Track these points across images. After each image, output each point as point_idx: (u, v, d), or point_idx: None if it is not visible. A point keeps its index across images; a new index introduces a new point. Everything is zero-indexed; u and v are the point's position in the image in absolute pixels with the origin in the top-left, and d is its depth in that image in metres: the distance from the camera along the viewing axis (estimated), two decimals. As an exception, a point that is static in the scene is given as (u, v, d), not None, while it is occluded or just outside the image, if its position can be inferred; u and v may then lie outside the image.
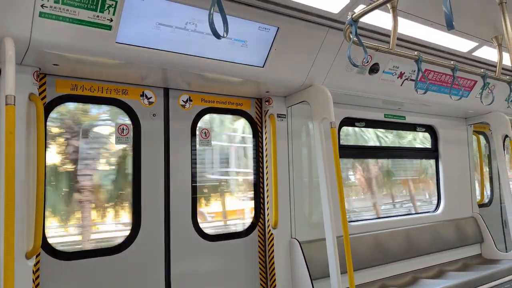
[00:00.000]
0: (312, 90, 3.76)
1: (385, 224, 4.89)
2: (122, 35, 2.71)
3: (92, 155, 3.35)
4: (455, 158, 5.86)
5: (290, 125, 4.12)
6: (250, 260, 3.91)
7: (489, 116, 5.65)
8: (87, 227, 3.36)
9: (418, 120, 5.49)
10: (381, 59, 3.96)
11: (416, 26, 3.61)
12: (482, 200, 6.30)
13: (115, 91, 3.32)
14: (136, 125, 3.40)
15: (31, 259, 2.68)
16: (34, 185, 2.67)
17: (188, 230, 3.58)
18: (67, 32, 2.52)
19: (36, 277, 2.80)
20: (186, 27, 2.90)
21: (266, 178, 3.97)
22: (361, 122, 4.89)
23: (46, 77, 3.01)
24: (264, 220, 3.99)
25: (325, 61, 3.70)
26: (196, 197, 3.65)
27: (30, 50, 2.54)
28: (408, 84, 4.43)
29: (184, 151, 3.62)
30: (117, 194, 3.45)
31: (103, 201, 3.39)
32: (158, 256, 3.41)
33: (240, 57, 3.27)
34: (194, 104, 3.72)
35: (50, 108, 3.05)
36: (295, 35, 3.35)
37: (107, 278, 3.16)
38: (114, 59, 2.86)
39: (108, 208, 3.42)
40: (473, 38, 4.02)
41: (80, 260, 3.07)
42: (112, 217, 3.47)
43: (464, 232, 5.60)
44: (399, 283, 4.56)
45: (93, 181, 3.33)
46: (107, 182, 3.42)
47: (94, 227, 3.42)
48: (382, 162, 5.59)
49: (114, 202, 3.44)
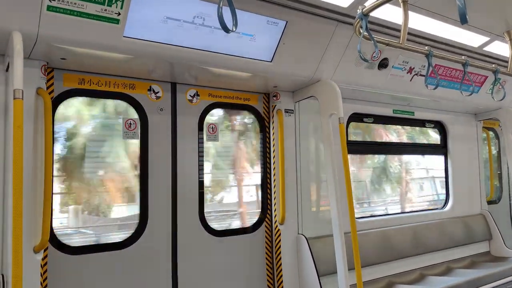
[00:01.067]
0: (320, 85, 3.72)
1: (393, 221, 4.85)
2: (129, 29, 2.69)
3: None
4: (464, 154, 5.79)
5: (298, 120, 4.09)
6: (256, 256, 3.90)
7: (499, 112, 5.58)
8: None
9: (427, 116, 5.43)
10: (391, 54, 3.92)
11: (427, 20, 3.55)
12: (491, 197, 6.24)
13: (123, 86, 3.31)
14: (143, 120, 3.38)
15: (39, 253, 2.68)
16: (42, 180, 2.67)
17: (195, 225, 3.57)
18: (74, 26, 2.51)
19: (44, 271, 2.81)
20: (194, 21, 2.88)
21: (273, 173, 3.95)
22: (370, 118, 4.85)
23: (53, 71, 3.00)
24: (271, 216, 3.97)
25: (334, 56, 3.66)
26: (203, 192, 3.63)
27: (38, 44, 2.53)
28: (417, 80, 4.37)
29: (192, 146, 3.61)
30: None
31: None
32: (165, 251, 3.41)
33: (248, 52, 3.24)
34: (201, 99, 3.70)
35: (57, 102, 3.05)
36: (304, 29, 3.31)
37: (114, 273, 3.17)
38: (121, 53, 2.84)
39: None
40: (484, 32, 3.95)
41: (88, 255, 3.08)
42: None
43: (472, 229, 5.55)
44: (407, 280, 4.53)
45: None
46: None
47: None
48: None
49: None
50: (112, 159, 3.42)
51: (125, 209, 3.55)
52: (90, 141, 3.31)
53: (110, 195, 3.42)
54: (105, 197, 3.40)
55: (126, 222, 3.48)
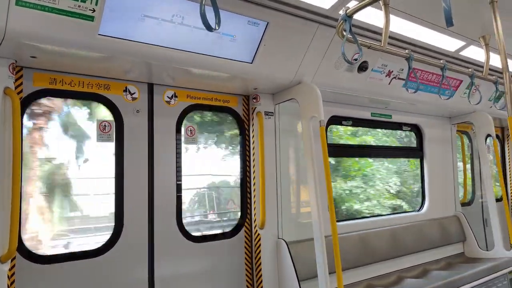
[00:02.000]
0: (301, 87, 3.69)
1: (371, 224, 4.87)
2: (105, 26, 2.57)
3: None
4: (439, 157, 5.89)
5: (278, 123, 4.04)
6: (236, 261, 3.82)
7: (473, 116, 5.70)
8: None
9: (404, 119, 5.49)
10: (370, 57, 3.92)
11: (406, 24, 3.58)
12: (465, 199, 6.37)
13: (97, 86, 3.17)
14: (118, 122, 3.26)
15: (6, 264, 2.52)
16: (9, 185, 2.51)
17: (173, 230, 3.46)
18: (46, 22, 2.37)
19: (12, 282, 2.65)
20: (173, 20, 2.78)
21: (253, 177, 3.88)
22: (348, 121, 4.85)
23: (22, 70, 2.85)
24: (251, 220, 3.90)
25: (315, 58, 3.63)
26: (181, 196, 3.53)
27: (6, 41, 2.38)
28: (395, 83, 4.40)
29: (169, 149, 3.50)
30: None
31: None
32: (142, 258, 3.28)
33: (228, 52, 3.16)
34: (179, 100, 3.59)
35: (27, 103, 2.89)
36: (285, 30, 3.26)
37: (88, 282, 3.02)
38: (96, 52, 2.72)
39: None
40: (460, 37, 4.02)
41: (59, 264, 2.92)
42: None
43: (447, 231, 5.64)
44: (385, 283, 4.54)
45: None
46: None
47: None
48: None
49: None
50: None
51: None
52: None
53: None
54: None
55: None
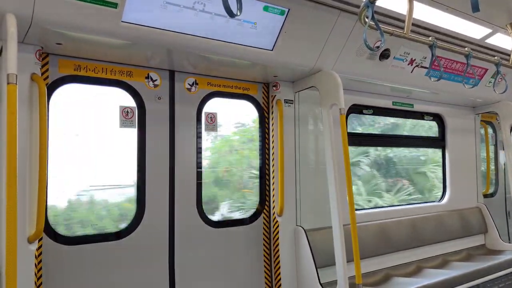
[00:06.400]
0: (321, 75, 3.66)
1: (390, 213, 4.83)
2: (128, 14, 2.60)
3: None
4: (462, 147, 5.78)
5: (298, 111, 4.03)
6: (254, 248, 3.86)
7: (498, 106, 5.55)
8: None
9: (426, 109, 5.40)
10: (392, 44, 3.85)
11: (429, 10, 3.50)
12: (488, 191, 6.25)
13: (120, 73, 3.22)
14: (141, 108, 3.31)
15: (33, 244, 2.62)
16: (36, 168, 2.60)
17: (193, 216, 3.52)
18: (71, 9, 2.41)
19: (39, 261, 2.75)
20: (194, 7, 2.79)
21: (272, 164, 3.90)
22: (369, 110, 4.80)
23: (48, 56, 2.92)
24: (269, 207, 3.93)
25: (336, 45, 3.59)
26: (201, 183, 3.58)
27: (33, 28, 2.44)
28: (418, 71, 4.32)
29: (190, 135, 3.54)
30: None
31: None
32: (162, 242, 3.36)
33: (248, 40, 3.16)
34: (200, 87, 3.62)
35: (52, 88, 2.96)
36: (306, 17, 3.24)
37: (110, 264, 3.11)
38: (119, 39, 2.76)
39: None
40: (487, 24, 3.91)
41: (83, 245, 3.02)
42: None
43: (468, 222, 5.56)
44: (404, 272, 4.53)
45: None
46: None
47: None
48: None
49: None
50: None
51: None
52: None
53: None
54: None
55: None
